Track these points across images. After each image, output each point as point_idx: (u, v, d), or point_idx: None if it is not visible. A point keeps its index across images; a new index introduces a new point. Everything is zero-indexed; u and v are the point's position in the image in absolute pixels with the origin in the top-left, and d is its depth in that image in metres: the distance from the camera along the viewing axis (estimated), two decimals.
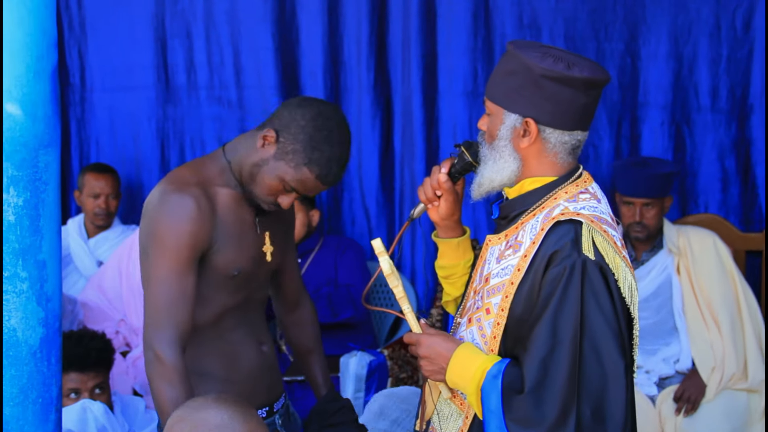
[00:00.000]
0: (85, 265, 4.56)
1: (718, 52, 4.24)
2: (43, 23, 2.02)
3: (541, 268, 2.05)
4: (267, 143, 2.30)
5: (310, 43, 4.57)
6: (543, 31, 4.34)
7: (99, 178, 4.52)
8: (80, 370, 3.27)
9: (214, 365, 2.39)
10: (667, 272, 3.92)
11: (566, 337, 1.99)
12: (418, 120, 4.47)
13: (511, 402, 2.01)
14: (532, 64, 2.07)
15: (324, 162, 2.27)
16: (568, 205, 2.10)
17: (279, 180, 2.30)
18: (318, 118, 2.27)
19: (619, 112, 4.36)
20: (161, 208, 2.28)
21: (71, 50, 4.81)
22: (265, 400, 2.46)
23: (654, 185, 3.87)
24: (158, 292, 2.25)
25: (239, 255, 2.36)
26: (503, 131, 2.13)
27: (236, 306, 2.41)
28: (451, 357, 2.11)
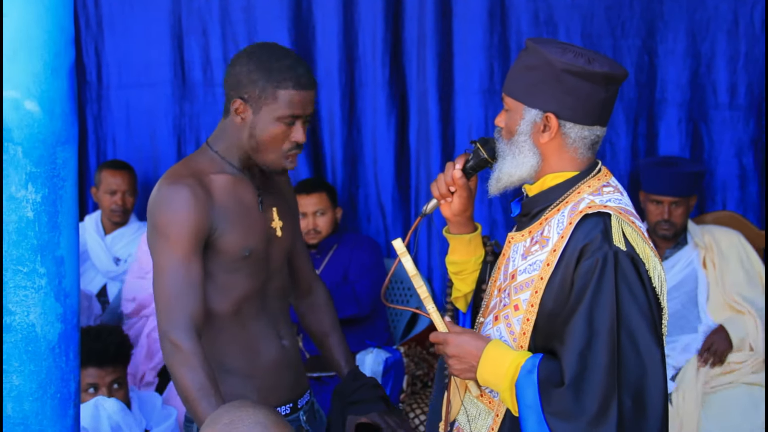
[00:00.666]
0: (101, 262, 4.58)
1: (736, 48, 4.21)
2: (61, 21, 2.04)
3: (572, 262, 2.05)
4: (241, 111, 2.34)
5: (325, 40, 4.57)
6: (559, 28, 4.32)
7: (116, 174, 4.54)
8: (99, 365, 3.28)
9: (235, 360, 2.40)
10: (692, 266, 3.96)
11: (603, 329, 2.00)
12: (434, 117, 4.46)
13: (550, 396, 2.01)
14: (553, 58, 2.09)
15: (288, 73, 2.31)
16: (593, 198, 2.11)
17: (276, 121, 2.32)
18: (251, 55, 2.34)
19: (636, 110, 4.34)
20: (159, 202, 2.33)
21: (88, 48, 4.83)
22: (288, 396, 2.47)
23: (683, 184, 3.94)
24: (166, 282, 2.27)
25: (246, 234, 2.38)
26: (523, 126, 2.14)
27: (255, 293, 2.42)
28: (482, 355, 2.11)
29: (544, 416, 2.01)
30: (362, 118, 4.61)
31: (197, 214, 2.29)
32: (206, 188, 2.33)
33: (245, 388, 2.39)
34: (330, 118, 4.61)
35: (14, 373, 2.02)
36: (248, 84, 2.32)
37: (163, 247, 2.29)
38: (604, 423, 1.97)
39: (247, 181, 2.42)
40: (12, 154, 2.00)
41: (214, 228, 2.33)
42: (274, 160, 2.37)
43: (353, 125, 4.62)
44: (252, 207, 2.42)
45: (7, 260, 2.01)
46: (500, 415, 2.17)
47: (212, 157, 2.40)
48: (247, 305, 2.41)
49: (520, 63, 2.16)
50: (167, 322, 2.25)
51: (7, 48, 1.97)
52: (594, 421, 1.98)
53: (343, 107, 4.58)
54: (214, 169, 2.38)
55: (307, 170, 4.63)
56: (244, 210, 2.39)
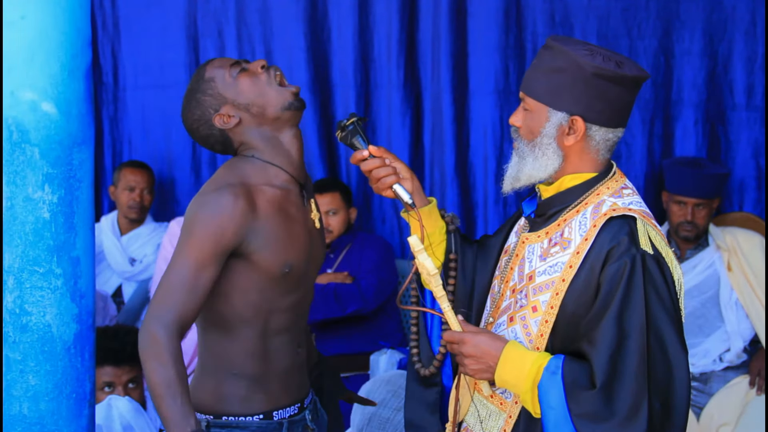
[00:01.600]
0: (117, 262, 4.61)
1: (753, 49, 4.20)
2: (78, 22, 2.04)
3: (597, 265, 2.05)
4: (225, 118, 2.34)
5: (341, 41, 4.58)
6: (575, 29, 4.31)
7: (135, 172, 4.59)
8: (115, 364, 3.29)
9: (246, 368, 2.38)
10: (713, 268, 3.94)
11: (634, 332, 2.00)
12: (448, 118, 4.46)
13: (578, 398, 2.00)
14: (583, 62, 2.08)
15: (197, 73, 2.37)
16: (615, 201, 2.12)
17: (235, 80, 2.33)
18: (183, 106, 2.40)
19: (652, 111, 4.33)
20: (198, 205, 2.30)
21: (104, 49, 4.85)
22: (295, 398, 2.46)
23: (707, 186, 3.95)
24: (172, 276, 2.25)
25: (289, 251, 2.34)
26: (548, 129, 2.13)
27: (287, 309, 2.40)
28: (501, 355, 2.09)
29: (571, 418, 2.00)
30: (377, 118, 4.62)
31: (228, 225, 2.25)
32: (252, 200, 2.29)
33: (253, 391, 2.38)
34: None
35: (30, 373, 2.03)
36: (200, 109, 2.35)
37: (183, 246, 2.27)
38: (633, 425, 1.97)
39: (294, 185, 2.39)
40: (29, 155, 2.00)
41: (248, 242, 2.28)
42: (275, 96, 2.34)
43: (368, 126, 4.62)
44: (298, 217, 2.38)
45: (23, 261, 2.02)
46: (513, 416, 2.16)
47: (255, 162, 2.36)
48: (276, 321, 2.39)
49: (543, 64, 2.14)
50: (154, 313, 2.22)
51: (25, 50, 1.98)
52: (624, 423, 1.98)
53: (359, 108, 4.59)
54: (262, 179, 2.34)
55: (322, 171, 4.64)
56: (290, 223, 2.35)
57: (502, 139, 4.49)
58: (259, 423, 2.38)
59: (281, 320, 2.40)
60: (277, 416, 2.41)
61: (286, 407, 2.43)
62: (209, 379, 2.37)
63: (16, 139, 1.99)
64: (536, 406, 2.06)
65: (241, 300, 2.34)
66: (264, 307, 2.36)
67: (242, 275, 2.33)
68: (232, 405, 2.37)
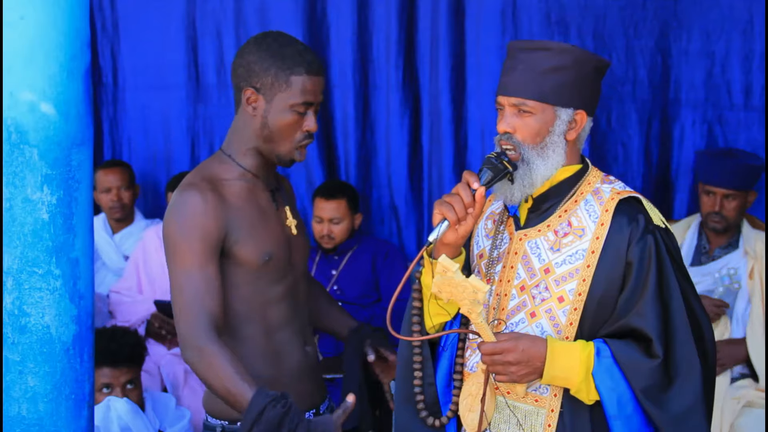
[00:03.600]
0: (112, 260, 4.61)
1: (751, 48, 4.18)
2: (77, 23, 2.04)
3: (623, 245, 2.14)
4: (253, 100, 2.33)
5: (339, 42, 4.57)
6: (571, 29, 4.31)
7: (107, 172, 4.57)
8: (113, 365, 3.28)
9: (260, 369, 2.37)
10: (737, 276, 3.85)
11: (675, 301, 2.12)
12: (446, 119, 4.46)
13: (638, 373, 2.09)
14: (586, 57, 2.18)
15: (299, 58, 2.30)
16: (612, 186, 2.21)
17: (289, 109, 2.31)
18: (260, 44, 2.32)
19: (649, 111, 4.31)
20: (171, 210, 2.32)
21: (104, 50, 4.84)
22: (311, 403, 2.47)
23: (736, 176, 3.85)
24: (183, 289, 2.26)
25: (265, 239, 2.35)
26: (558, 127, 2.17)
27: (282, 300, 2.40)
28: (547, 354, 2.11)
29: (633, 394, 2.10)
30: (375, 119, 4.61)
31: (206, 220, 2.27)
32: (220, 194, 2.31)
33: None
34: (344, 119, 4.61)
35: (29, 374, 2.03)
36: (260, 72, 2.31)
37: (175, 257, 2.28)
38: (690, 384, 2.10)
39: (261, 184, 2.41)
40: (28, 156, 2.00)
41: (228, 235, 2.30)
42: (287, 150, 2.35)
43: (367, 127, 4.62)
44: (268, 210, 2.40)
45: (22, 262, 2.01)
46: (555, 409, 2.18)
47: (224, 160, 2.39)
48: (274, 313, 2.39)
49: (539, 65, 2.16)
50: (188, 330, 2.23)
51: (24, 50, 1.98)
52: (683, 384, 2.10)
53: (357, 109, 4.59)
54: (227, 174, 2.36)
55: (320, 172, 4.63)
56: (261, 214, 2.37)
57: None
58: None
59: (279, 312, 2.40)
60: None
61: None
62: None
63: (14, 140, 1.99)
64: (591, 393, 2.12)
65: (233, 296, 2.35)
66: (257, 300, 2.37)
67: (229, 273, 2.34)
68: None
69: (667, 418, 2.10)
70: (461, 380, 2.30)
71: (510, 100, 2.18)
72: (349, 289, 4.23)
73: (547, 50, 2.17)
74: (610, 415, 2.12)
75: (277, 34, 2.35)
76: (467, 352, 2.31)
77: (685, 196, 4.33)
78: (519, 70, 2.17)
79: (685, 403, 2.11)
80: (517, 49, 2.21)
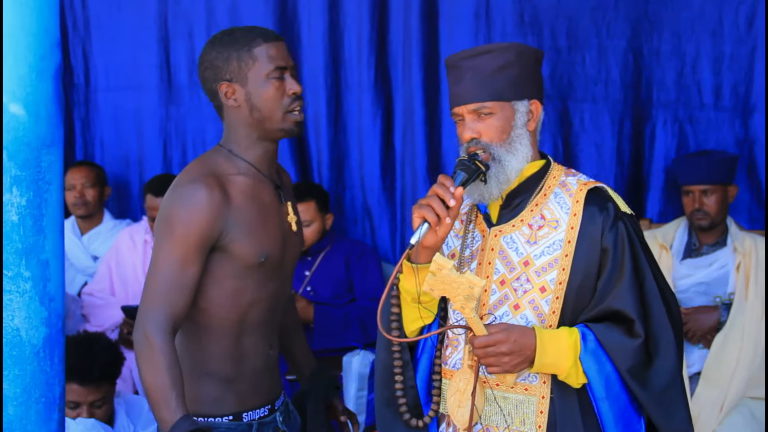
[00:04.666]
0: (80, 261, 4.60)
1: (721, 49, 4.23)
2: (46, 23, 2.03)
3: (596, 232, 2.24)
4: (231, 93, 2.36)
5: (311, 42, 4.57)
6: (544, 29, 4.33)
7: (73, 170, 4.58)
8: (81, 384, 3.18)
9: (219, 367, 2.39)
10: (726, 269, 3.93)
11: (649, 282, 2.24)
12: (420, 119, 4.46)
13: (622, 354, 2.19)
14: (526, 50, 2.29)
15: (250, 34, 2.36)
16: (578, 178, 2.32)
17: (266, 79, 2.34)
18: (212, 42, 2.39)
19: (621, 111, 4.35)
20: (174, 198, 2.31)
21: (75, 50, 4.81)
22: (266, 399, 2.47)
23: (712, 171, 3.94)
24: (158, 276, 2.27)
25: (264, 239, 2.36)
26: (519, 119, 2.27)
27: (264, 301, 2.41)
28: (537, 342, 2.18)
29: (619, 374, 2.19)
30: (348, 120, 4.61)
31: (208, 217, 2.27)
32: (225, 190, 2.31)
33: (224, 391, 2.39)
34: (316, 119, 4.61)
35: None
36: (224, 63, 2.35)
37: (165, 242, 2.28)
38: (668, 359, 2.21)
39: (266, 180, 2.41)
40: None
41: (226, 233, 2.30)
42: (281, 118, 2.36)
43: (339, 127, 4.62)
44: (271, 208, 2.40)
45: None
46: (546, 396, 2.25)
47: (227, 156, 2.38)
48: (253, 314, 2.40)
49: (485, 69, 2.25)
50: (146, 316, 2.24)
51: None
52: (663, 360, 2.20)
53: (329, 109, 4.58)
54: (233, 169, 2.37)
55: (293, 173, 4.62)
56: (263, 213, 2.38)
57: None
58: (228, 424, 2.39)
59: (258, 314, 2.41)
60: (247, 418, 2.42)
61: (256, 409, 2.44)
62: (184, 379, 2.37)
63: None
64: (580, 377, 2.21)
65: (218, 291, 2.35)
66: (242, 299, 2.37)
67: (219, 266, 2.34)
68: (203, 405, 2.38)
69: (650, 395, 2.20)
70: (440, 380, 2.35)
71: (468, 108, 2.26)
72: (323, 289, 4.24)
73: (490, 52, 2.26)
74: (598, 397, 2.21)
75: (223, 30, 2.42)
76: (447, 350, 2.35)
77: (658, 195, 4.37)
78: (468, 78, 2.26)
79: (666, 379, 2.21)
80: (458, 60, 2.29)
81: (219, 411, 2.39)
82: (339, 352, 4.08)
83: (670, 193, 4.35)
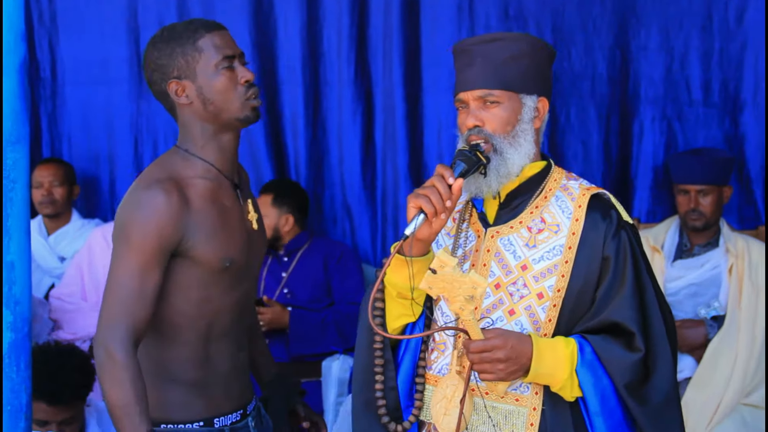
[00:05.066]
0: (46, 261, 4.57)
1: (710, 45, 4.26)
2: (10, 15, 1.99)
3: (598, 240, 2.20)
4: (181, 91, 2.33)
5: (288, 35, 4.54)
6: (529, 23, 4.34)
7: (41, 168, 4.55)
8: (50, 403, 3.12)
9: (186, 373, 2.37)
10: (718, 270, 3.94)
11: (651, 299, 2.20)
12: (401, 115, 4.46)
13: (619, 369, 2.15)
14: (539, 44, 2.26)
15: (191, 26, 2.34)
16: (580, 183, 2.28)
17: (215, 70, 2.31)
18: (153, 42, 2.36)
19: (608, 107, 4.37)
20: (130, 204, 2.30)
21: (42, 43, 4.76)
22: (237, 404, 2.46)
23: (708, 172, 3.95)
24: (117, 287, 2.25)
25: (227, 243, 2.34)
26: (525, 114, 2.23)
27: (231, 307, 2.39)
28: (534, 350, 2.12)
29: (615, 389, 2.15)
30: (327, 117, 4.60)
31: (167, 223, 2.25)
32: (184, 194, 2.28)
33: (193, 397, 2.38)
34: (293, 117, 4.58)
35: None
36: (169, 61, 2.32)
37: (123, 251, 2.26)
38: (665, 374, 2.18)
39: (226, 180, 2.38)
40: None
41: (186, 238, 2.28)
42: (237, 108, 2.33)
43: (318, 124, 4.60)
44: (232, 210, 2.38)
45: None
46: (537, 408, 2.20)
47: (185, 157, 2.36)
48: (221, 320, 2.38)
49: (496, 56, 2.21)
50: (107, 330, 2.22)
51: None
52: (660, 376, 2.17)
53: (307, 106, 4.57)
54: (191, 172, 2.34)
55: (270, 171, 4.60)
56: (225, 217, 2.35)
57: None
58: (199, 430, 2.38)
59: (225, 321, 2.39)
60: (218, 423, 2.41)
61: (228, 414, 2.43)
62: (148, 385, 2.33)
63: None
64: (575, 390, 2.16)
65: (182, 299, 2.33)
66: (208, 307, 2.36)
67: (182, 274, 2.32)
68: (172, 412, 2.36)
69: (646, 411, 2.17)
70: (423, 384, 2.30)
71: (474, 94, 2.22)
72: (300, 292, 4.21)
73: (501, 40, 2.23)
74: (592, 412, 2.17)
75: (162, 26, 2.39)
76: (432, 354, 2.30)
77: (646, 194, 4.40)
78: (477, 64, 2.22)
79: (662, 395, 2.18)
80: (469, 45, 2.26)
81: (189, 417, 2.37)
82: (318, 357, 4.06)
83: (659, 191, 4.37)
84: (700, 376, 3.82)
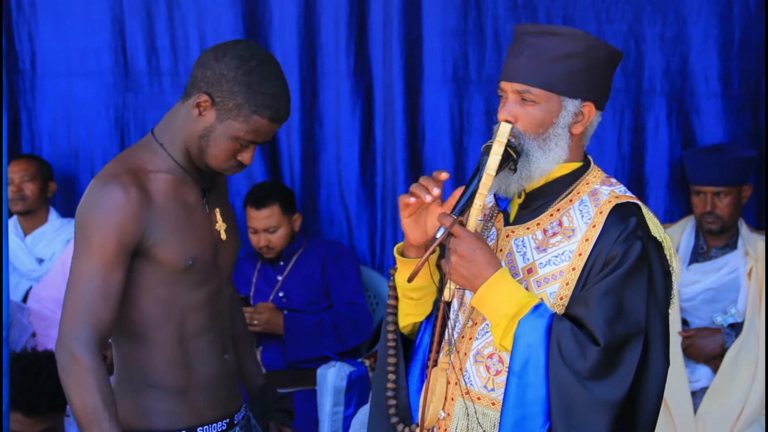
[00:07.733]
0: (23, 263, 4.59)
1: (729, 34, 4.24)
2: None
3: (607, 246, 2.17)
4: (203, 109, 2.36)
5: (283, 25, 4.55)
6: (539, 12, 4.33)
7: (13, 164, 4.57)
8: (26, 414, 3.16)
9: (165, 377, 2.41)
10: (736, 274, 3.93)
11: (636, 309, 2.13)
12: (400, 109, 4.46)
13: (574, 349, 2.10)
14: (599, 45, 2.22)
15: (271, 102, 2.34)
16: (612, 189, 2.26)
17: (233, 140, 2.36)
18: (243, 63, 2.34)
19: (622, 101, 4.34)
20: (87, 202, 2.33)
21: (20, 33, 4.74)
22: (224, 412, 2.49)
23: (725, 172, 3.92)
24: (79, 288, 2.28)
25: (189, 241, 2.38)
26: (563, 119, 2.22)
27: (201, 306, 2.43)
28: (496, 273, 2.14)
29: (547, 358, 2.11)
30: (324, 110, 4.60)
31: (126, 220, 2.29)
32: (144, 189, 2.33)
33: (176, 404, 2.41)
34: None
35: None
36: (227, 91, 2.34)
37: (83, 251, 2.30)
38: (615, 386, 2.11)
39: (191, 180, 2.43)
40: None
41: (148, 235, 2.32)
42: (215, 165, 2.41)
43: (314, 118, 4.61)
44: (196, 210, 2.42)
45: None
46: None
47: (154, 150, 2.40)
48: (192, 320, 2.42)
49: (547, 51, 2.20)
50: (70, 333, 2.25)
51: None
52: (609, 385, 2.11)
53: (303, 99, 4.57)
54: (155, 166, 2.38)
55: (262, 169, 4.62)
56: (187, 214, 2.40)
57: (462, 131, 4.50)
58: None
59: (198, 320, 2.43)
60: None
61: (213, 422, 2.46)
62: (126, 393, 2.39)
63: None
64: (506, 339, 2.15)
65: (148, 301, 2.38)
66: (175, 306, 2.39)
67: (144, 273, 2.36)
68: (152, 420, 2.40)
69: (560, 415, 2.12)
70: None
71: (513, 87, 2.22)
72: (296, 295, 4.25)
73: (557, 35, 2.21)
74: (512, 370, 2.15)
75: (264, 61, 2.37)
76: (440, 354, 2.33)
77: (662, 192, 4.39)
78: (525, 56, 2.21)
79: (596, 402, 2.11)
80: (523, 32, 2.25)
81: (171, 425, 2.40)
82: (314, 363, 4.10)
83: (676, 189, 4.36)
84: (717, 386, 3.84)
